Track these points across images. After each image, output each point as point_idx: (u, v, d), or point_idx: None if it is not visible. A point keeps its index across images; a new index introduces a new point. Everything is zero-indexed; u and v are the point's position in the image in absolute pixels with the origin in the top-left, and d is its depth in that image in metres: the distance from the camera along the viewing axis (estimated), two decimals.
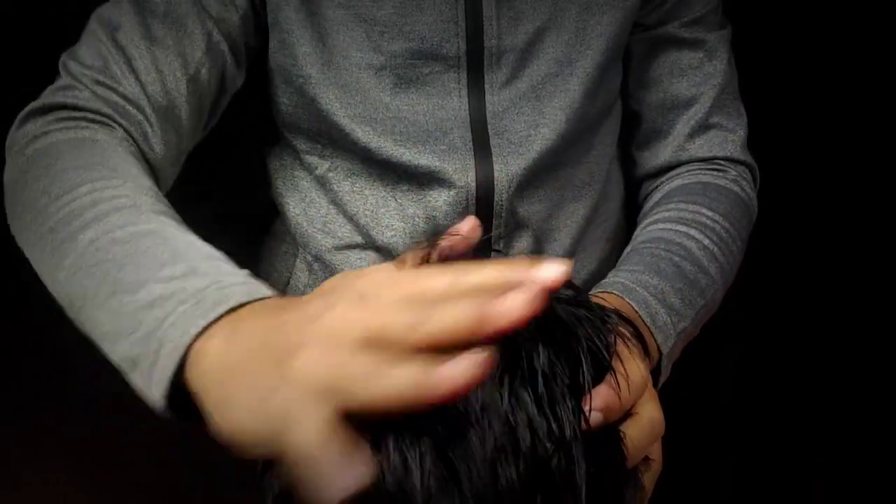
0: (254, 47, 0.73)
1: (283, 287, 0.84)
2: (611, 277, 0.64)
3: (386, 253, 0.76)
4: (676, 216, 0.72)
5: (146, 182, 0.57)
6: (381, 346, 0.33)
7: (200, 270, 0.45)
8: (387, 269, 0.38)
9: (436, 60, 0.70)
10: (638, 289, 0.61)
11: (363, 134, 0.72)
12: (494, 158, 0.73)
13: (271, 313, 0.40)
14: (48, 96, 0.65)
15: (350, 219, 0.77)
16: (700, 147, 0.79)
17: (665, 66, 0.79)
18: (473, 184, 0.73)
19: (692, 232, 0.69)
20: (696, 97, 0.79)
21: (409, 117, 0.71)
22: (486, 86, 0.72)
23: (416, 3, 0.69)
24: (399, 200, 0.75)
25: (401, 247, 0.76)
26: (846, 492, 1.84)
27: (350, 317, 0.34)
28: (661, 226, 0.71)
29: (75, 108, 0.64)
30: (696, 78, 0.79)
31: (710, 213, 0.72)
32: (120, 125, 0.64)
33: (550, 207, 0.78)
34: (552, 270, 0.33)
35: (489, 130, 0.72)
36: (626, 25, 0.75)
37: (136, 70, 0.65)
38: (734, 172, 0.78)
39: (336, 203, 0.77)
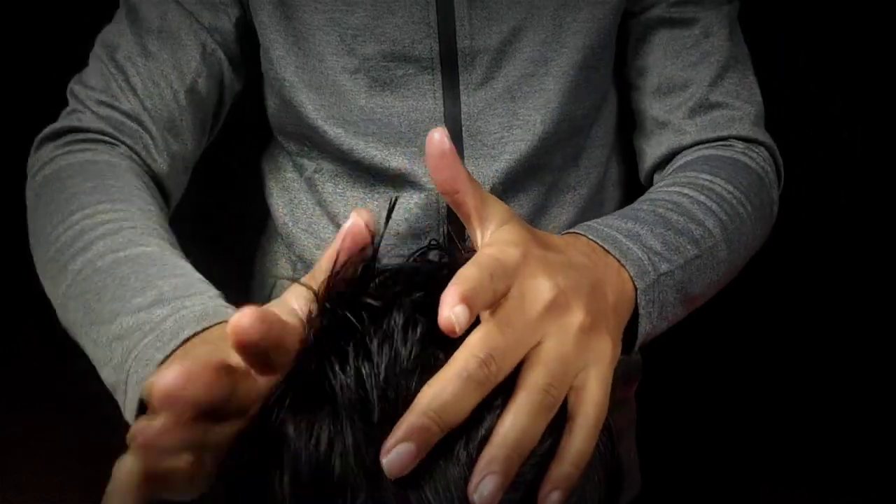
0: (251, 51, 0.75)
1: (272, 287, 0.86)
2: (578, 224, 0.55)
3: None
4: (670, 182, 0.66)
5: (139, 199, 0.60)
6: None
7: (166, 297, 0.48)
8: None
9: (409, 62, 0.70)
10: (605, 229, 0.52)
11: (335, 136, 0.72)
12: (466, 161, 0.72)
13: (212, 347, 0.42)
14: (60, 121, 0.68)
15: (332, 220, 0.77)
16: (702, 129, 0.74)
17: (659, 49, 0.76)
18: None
19: (685, 190, 0.63)
20: (693, 78, 0.74)
21: (383, 119, 0.71)
22: (461, 87, 0.71)
23: (388, 6, 0.69)
24: (376, 202, 0.75)
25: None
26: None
27: None
28: (650, 191, 0.65)
29: (79, 129, 0.67)
30: (692, 58, 0.74)
31: (708, 177, 0.65)
32: (122, 142, 0.67)
33: (532, 212, 0.76)
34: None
35: (463, 133, 0.72)
36: (607, 21, 0.73)
37: (134, 86, 0.68)
38: (742, 146, 0.72)
39: (321, 204, 0.77)
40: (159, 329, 0.46)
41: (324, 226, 0.78)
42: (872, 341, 2.19)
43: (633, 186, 0.86)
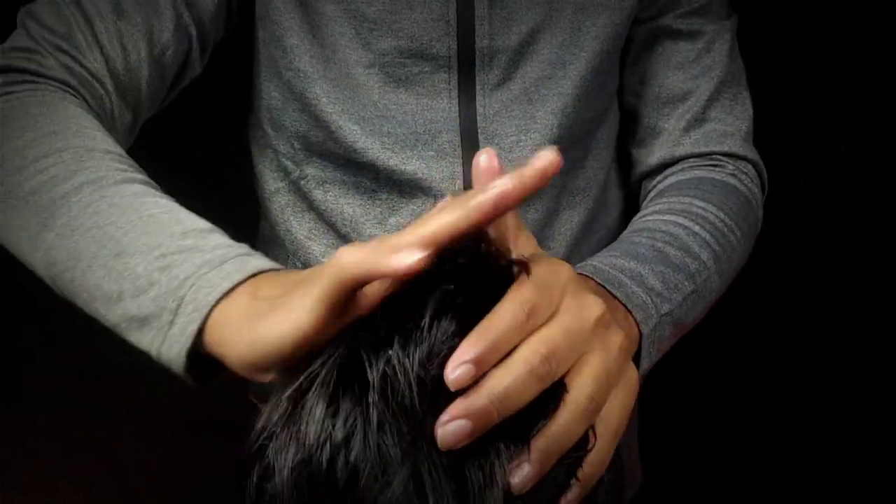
0: (220, 38, 0.72)
1: None
2: (583, 263, 0.57)
3: None
4: (665, 208, 0.67)
5: (122, 151, 0.56)
6: None
7: (209, 242, 0.46)
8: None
9: (425, 60, 0.68)
10: (610, 271, 0.55)
11: (350, 133, 0.70)
12: None
13: (294, 272, 0.42)
14: (7, 55, 0.61)
15: (331, 227, 0.76)
16: (696, 142, 0.75)
17: (661, 59, 0.76)
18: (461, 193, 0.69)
19: (680, 220, 0.65)
20: (693, 90, 0.75)
21: (398, 117, 0.69)
22: (478, 87, 0.70)
23: (407, 0, 0.67)
24: (379, 209, 0.73)
25: None
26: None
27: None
28: (647, 218, 0.67)
29: (39, 74, 0.61)
30: (694, 71, 0.75)
31: (702, 204, 0.67)
32: (86, 100, 0.61)
33: (546, 216, 0.76)
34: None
35: (479, 135, 0.70)
36: (622, 27, 0.73)
37: (101, 44, 0.62)
38: (732, 167, 0.75)
39: (315, 210, 0.76)
40: (220, 261, 0.44)
41: (324, 231, 0.76)
42: (870, 345, 2.22)
43: (633, 188, 0.86)
